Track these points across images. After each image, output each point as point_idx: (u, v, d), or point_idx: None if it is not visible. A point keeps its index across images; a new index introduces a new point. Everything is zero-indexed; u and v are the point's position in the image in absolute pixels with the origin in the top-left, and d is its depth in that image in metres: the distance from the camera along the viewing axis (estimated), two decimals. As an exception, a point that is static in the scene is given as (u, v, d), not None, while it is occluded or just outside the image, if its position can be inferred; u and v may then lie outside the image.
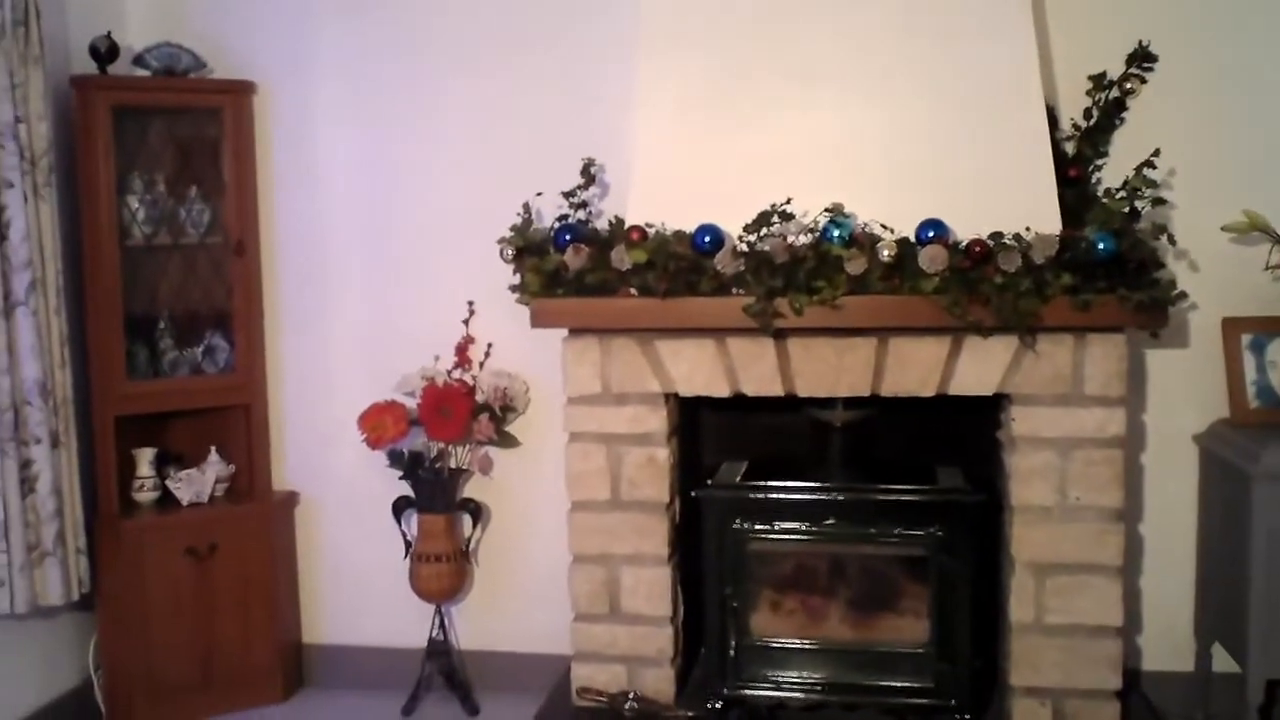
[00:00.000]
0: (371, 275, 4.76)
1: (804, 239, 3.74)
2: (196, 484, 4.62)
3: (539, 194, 4.26)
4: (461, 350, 4.61)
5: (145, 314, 4.63)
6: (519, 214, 4.25)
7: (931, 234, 3.67)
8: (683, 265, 3.76)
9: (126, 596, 4.46)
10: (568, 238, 3.97)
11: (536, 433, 4.61)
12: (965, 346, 3.76)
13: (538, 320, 3.94)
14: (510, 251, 4.07)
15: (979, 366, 3.77)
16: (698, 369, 3.91)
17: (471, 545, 4.70)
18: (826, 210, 3.74)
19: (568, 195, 4.20)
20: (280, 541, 4.78)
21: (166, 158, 4.67)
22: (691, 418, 4.23)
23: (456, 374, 4.59)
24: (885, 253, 3.65)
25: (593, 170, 4.24)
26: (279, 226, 4.80)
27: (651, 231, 3.89)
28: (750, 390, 3.89)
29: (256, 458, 4.75)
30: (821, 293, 3.67)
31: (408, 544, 4.62)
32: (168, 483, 4.61)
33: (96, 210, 4.39)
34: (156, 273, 4.69)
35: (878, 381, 3.81)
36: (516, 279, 4.12)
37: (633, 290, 3.85)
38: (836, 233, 3.70)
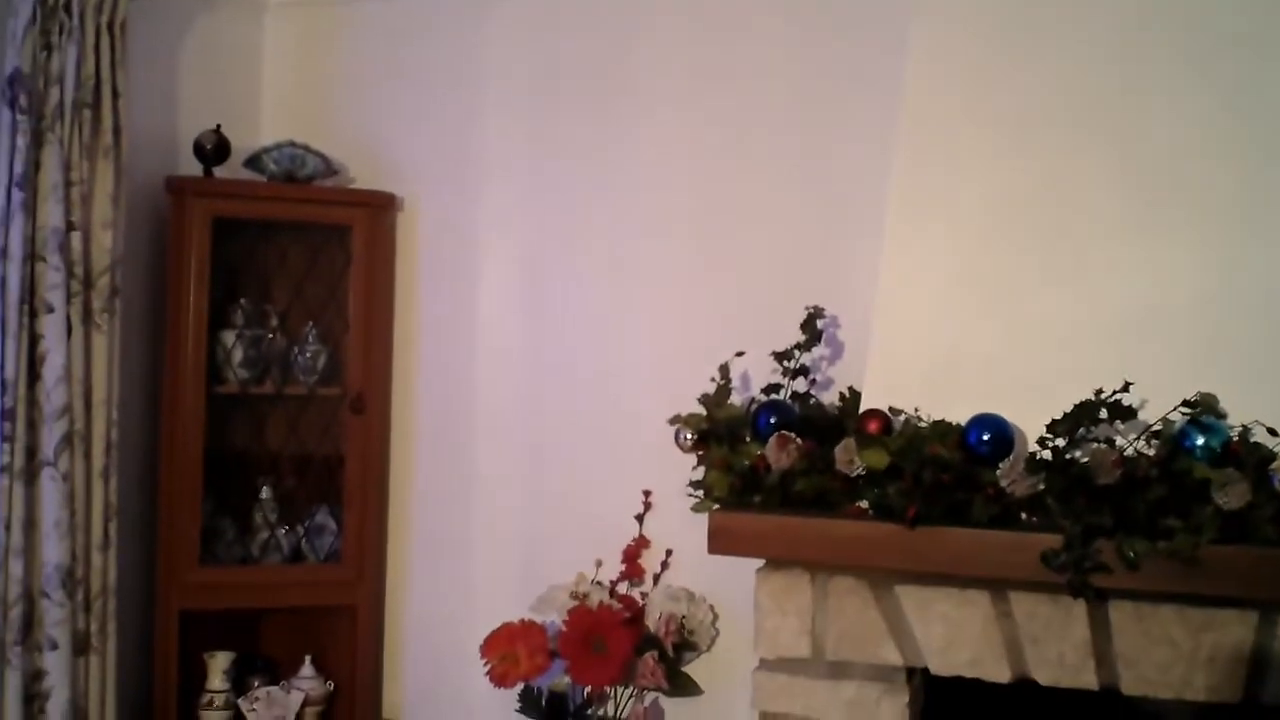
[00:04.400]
0: (528, 449, 3.45)
1: (1146, 449, 2.25)
2: (278, 707, 3.35)
3: (739, 354, 2.89)
4: (631, 557, 3.26)
5: (235, 481, 3.44)
6: (714, 379, 2.90)
7: (1370, 451, 2.14)
8: (945, 477, 2.32)
9: None
10: (772, 420, 2.57)
11: (726, 679, 3.12)
12: None
13: (717, 542, 2.51)
14: (689, 436, 2.70)
15: None
16: (961, 635, 2.40)
17: (622, 833, 3.26)
18: (1186, 404, 2.24)
19: (781, 357, 2.82)
20: (383, 793, 3.47)
21: (279, 285, 3.52)
22: (945, 705, 2.68)
23: (624, 588, 3.25)
24: (1285, 479, 2.13)
25: (820, 323, 2.86)
26: (416, 380, 3.56)
27: (899, 420, 2.47)
28: (1045, 678, 2.36)
29: (361, 675, 3.44)
30: (1175, 538, 2.15)
31: (539, 820, 3.23)
32: (240, 703, 3.35)
33: (181, 345, 3.25)
34: (253, 429, 3.51)
35: (1258, 683, 2.24)
36: (700, 473, 2.76)
37: (866, 508, 2.44)
38: (1201, 440, 2.19)
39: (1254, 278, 2.40)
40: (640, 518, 3.27)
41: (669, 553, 3.24)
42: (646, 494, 3.26)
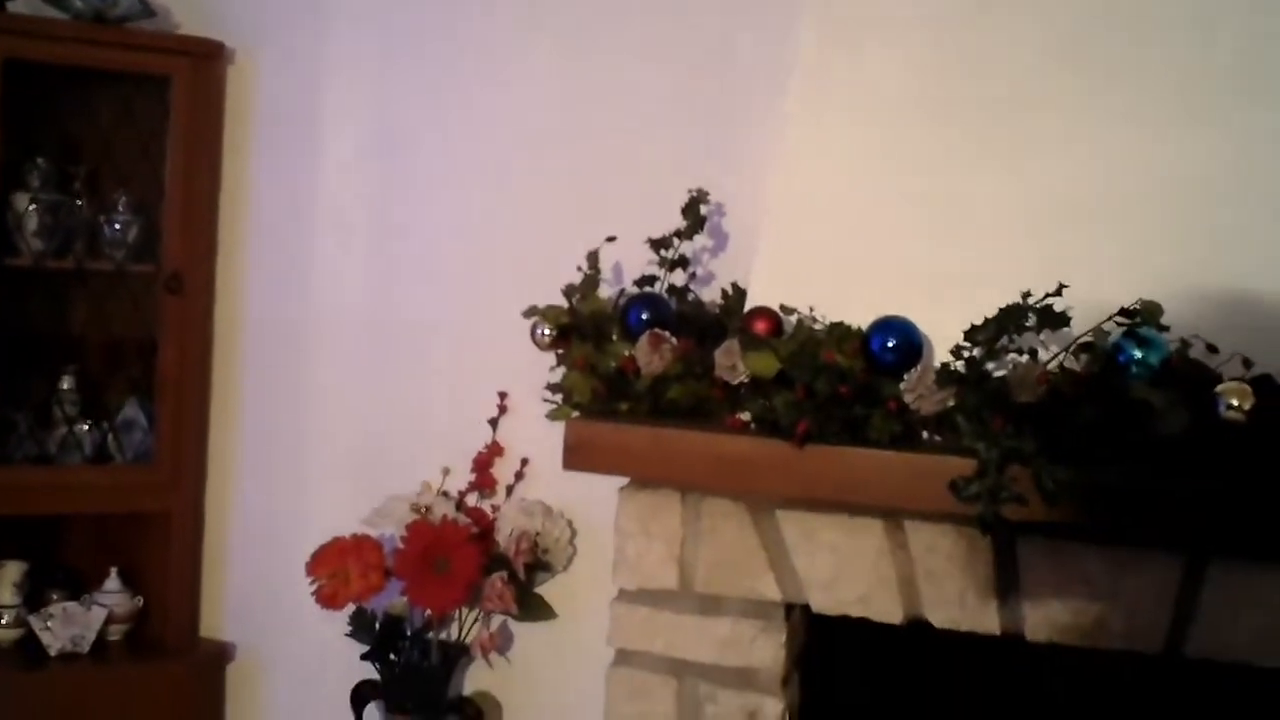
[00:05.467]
0: (371, 340, 3.01)
1: (1074, 362, 1.93)
2: (75, 624, 2.90)
3: (610, 239, 2.48)
4: (482, 465, 2.88)
5: (29, 369, 2.94)
6: (581, 269, 2.50)
7: (1330, 373, 1.83)
8: (843, 389, 1.97)
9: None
10: (644, 316, 2.19)
11: (583, 603, 2.77)
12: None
13: (576, 457, 2.12)
14: (547, 331, 2.31)
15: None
16: (849, 569, 2.06)
17: (464, 768, 2.90)
18: (1124, 313, 1.90)
19: (657, 245, 2.43)
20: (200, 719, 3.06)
21: (85, 144, 3.00)
22: (828, 647, 2.32)
23: (473, 500, 2.87)
24: (1231, 402, 1.80)
25: (704, 209, 2.46)
26: (244, 259, 3.08)
27: (791, 321, 2.11)
28: (941, 619, 2.04)
29: (175, 591, 3.01)
30: (1104, 467, 1.83)
31: (370, 753, 2.87)
32: (32, 620, 2.91)
33: (-38, 209, 2.76)
34: (52, 309, 3.02)
35: (1181, 633, 1.94)
36: (560, 374, 2.37)
37: (748, 421, 2.08)
38: (1138, 355, 1.87)
39: (1211, 167, 2.04)
40: (494, 422, 2.88)
41: (524, 462, 2.85)
42: (502, 396, 2.87)
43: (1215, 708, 2.02)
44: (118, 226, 2.93)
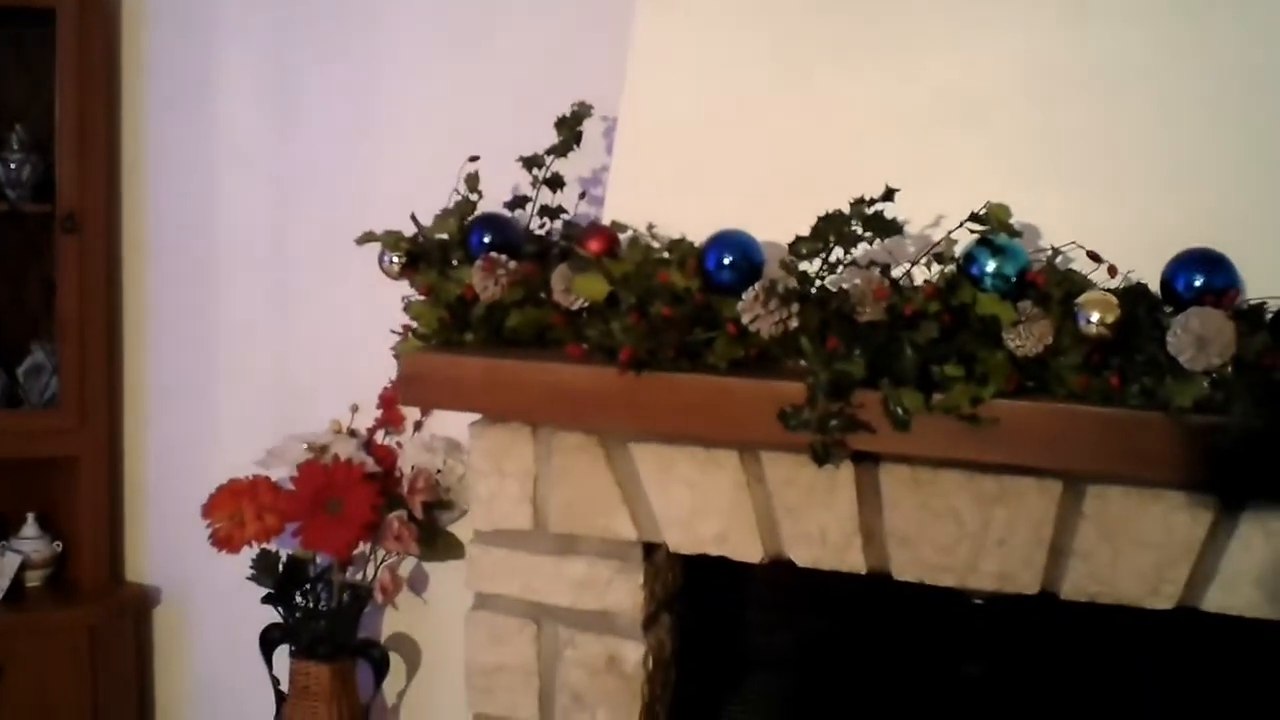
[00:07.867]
0: (280, 274, 2.87)
1: (923, 274, 1.71)
2: (-9, 571, 2.85)
3: (474, 158, 2.25)
4: (389, 402, 2.72)
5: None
6: (456, 191, 2.31)
7: (1201, 283, 1.60)
8: (676, 311, 1.77)
9: None
10: (486, 239, 2.00)
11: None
12: (1245, 520, 1.66)
13: (409, 390, 1.96)
14: (395, 259, 2.12)
15: (1265, 559, 1.67)
16: (706, 504, 1.87)
17: (375, 713, 2.77)
18: (974, 218, 1.67)
19: (530, 163, 2.22)
20: (122, 664, 2.95)
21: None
22: (695, 584, 2.14)
23: (381, 437, 2.72)
24: (1094, 317, 1.58)
25: (584, 123, 2.24)
26: (145, 193, 2.94)
27: (626, 237, 1.91)
28: (803, 557, 1.84)
29: (92, 535, 2.91)
30: (952, 388, 1.63)
31: (280, 695, 2.74)
32: (-57, 568, 2.84)
33: None
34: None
35: (1056, 570, 1.73)
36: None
37: (589, 348, 1.88)
38: (992, 265, 1.65)
39: (1095, 64, 1.80)
40: (398, 355, 2.71)
41: (431, 397, 2.71)
42: (406, 329, 2.70)
43: (1099, 652, 1.82)
44: (12, 166, 2.80)
